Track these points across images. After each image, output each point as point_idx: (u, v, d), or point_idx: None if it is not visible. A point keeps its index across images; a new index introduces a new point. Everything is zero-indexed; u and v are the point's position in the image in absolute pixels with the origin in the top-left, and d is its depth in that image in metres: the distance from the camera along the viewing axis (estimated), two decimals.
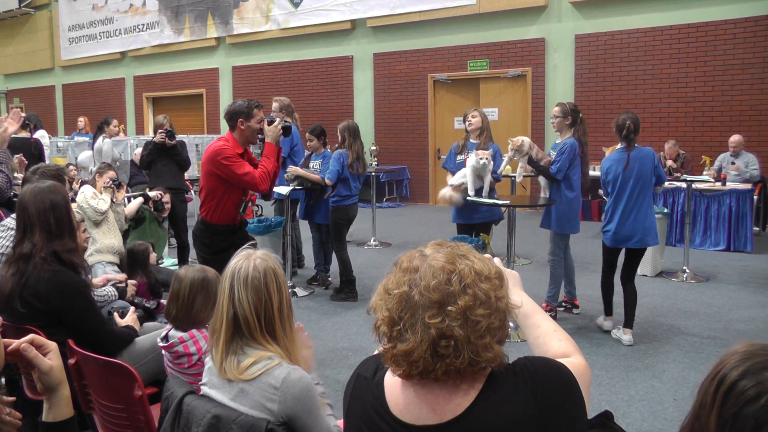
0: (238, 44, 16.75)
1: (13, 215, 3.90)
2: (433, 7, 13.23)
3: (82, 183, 6.30)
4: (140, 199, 6.34)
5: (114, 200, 5.83)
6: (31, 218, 3.14)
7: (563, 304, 6.14)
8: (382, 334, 1.53)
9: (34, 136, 9.70)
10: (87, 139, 13.78)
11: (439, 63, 13.64)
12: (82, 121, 14.51)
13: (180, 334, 2.84)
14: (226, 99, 17.21)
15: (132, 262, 5.15)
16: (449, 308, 1.44)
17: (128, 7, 18.97)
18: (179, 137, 7.97)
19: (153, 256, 5.44)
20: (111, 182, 5.93)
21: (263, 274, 2.08)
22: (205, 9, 17.05)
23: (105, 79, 20.18)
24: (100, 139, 9.18)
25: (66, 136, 16.18)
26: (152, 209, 6.62)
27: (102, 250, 5.37)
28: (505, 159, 6.20)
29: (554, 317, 5.97)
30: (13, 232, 3.68)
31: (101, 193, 5.78)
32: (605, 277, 5.76)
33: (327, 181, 6.79)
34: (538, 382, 1.47)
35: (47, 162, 9.16)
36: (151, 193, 6.45)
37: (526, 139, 6.04)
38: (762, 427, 1.15)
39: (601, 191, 6.04)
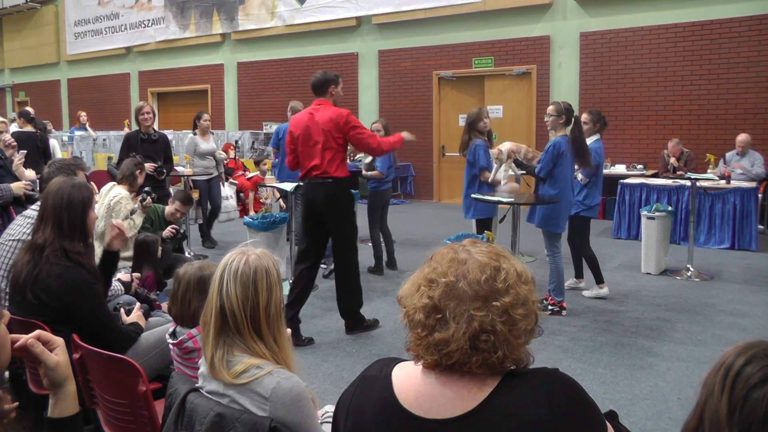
0: (243, 40, 16.75)
1: (35, 206, 3.93)
2: (438, 4, 13.21)
3: (119, 181, 6.22)
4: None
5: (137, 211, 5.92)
6: (47, 210, 3.16)
7: (549, 307, 6.04)
8: (417, 322, 1.54)
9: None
10: (83, 133, 13.83)
11: (444, 60, 13.63)
12: (84, 115, 14.52)
13: (188, 330, 2.83)
14: (230, 95, 17.22)
15: (141, 253, 5.18)
16: (494, 303, 1.48)
17: (134, 3, 18.99)
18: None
19: (161, 249, 5.50)
20: (145, 197, 5.98)
21: (254, 270, 2.04)
22: (211, 5, 17.05)
23: (110, 74, 20.20)
24: (191, 134, 9.20)
25: (70, 130, 16.25)
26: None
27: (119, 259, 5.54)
28: (494, 168, 6.32)
29: (559, 311, 5.98)
30: (31, 221, 3.71)
31: (135, 192, 5.91)
32: (589, 248, 6.59)
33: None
34: (554, 387, 1.47)
35: (52, 155, 9.20)
36: (164, 233, 6.33)
37: (506, 146, 6.12)
38: None
39: (581, 176, 6.45)
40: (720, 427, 1.22)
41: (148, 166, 7.22)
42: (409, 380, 1.57)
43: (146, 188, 6.29)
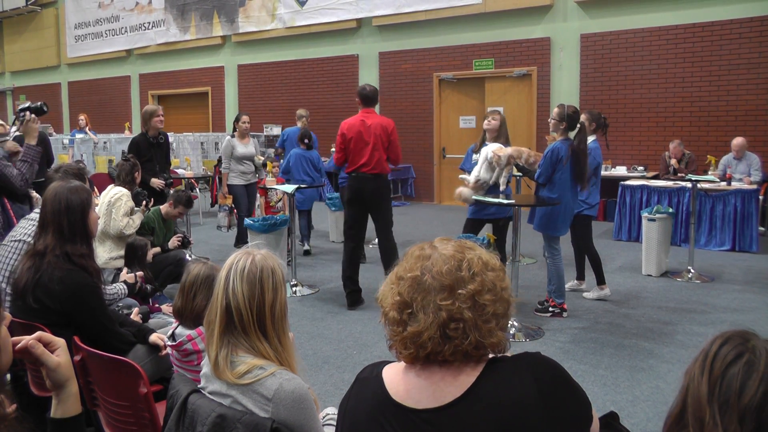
0: (243, 42, 16.76)
1: (38, 210, 3.94)
2: (438, 6, 13.22)
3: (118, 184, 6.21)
4: (158, 249, 6.23)
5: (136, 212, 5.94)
6: (47, 216, 3.16)
7: (550, 309, 6.05)
8: (392, 319, 1.60)
9: None
10: (83, 136, 13.80)
11: (444, 62, 13.63)
12: (83, 119, 14.50)
13: (188, 331, 2.83)
14: (231, 97, 17.23)
15: (131, 256, 5.21)
16: (459, 291, 1.53)
17: (134, 5, 19.00)
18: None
19: (151, 253, 5.53)
20: (145, 204, 6.02)
21: (260, 269, 2.05)
22: (211, 7, 17.06)
23: (111, 77, 20.22)
24: (228, 136, 8.84)
25: (71, 133, 16.24)
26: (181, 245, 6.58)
27: (116, 258, 5.63)
28: (496, 171, 6.31)
29: (560, 313, 5.98)
30: (34, 223, 3.71)
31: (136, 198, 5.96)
32: (593, 247, 6.60)
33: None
34: (538, 367, 1.53)
35: (54, 156, 9.19)
36: (171, 243, 6.38)
37: (508, 150, 6.13)
38: (744, 386, 1.25)
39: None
40: (701, 407, 1.28)
41: (157, 182, 7.16)
42: (398, 376, 1.63)
43: (143, 191, 6.26)
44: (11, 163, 4.82)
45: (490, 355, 1.57)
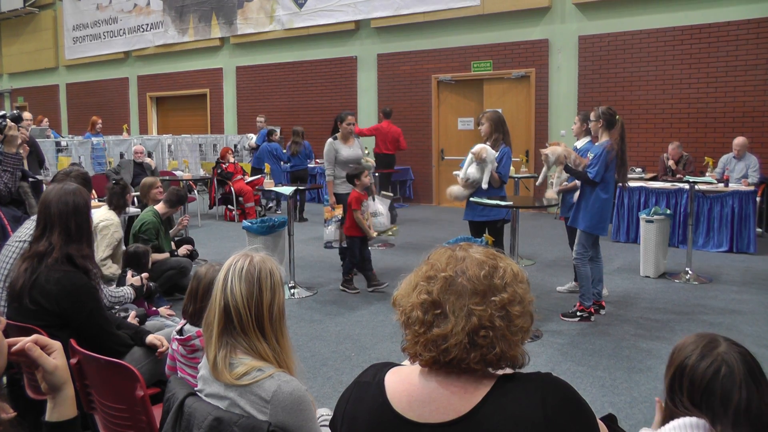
0: (242, 44, 16.76)
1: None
2: (437, 8, 13.23)
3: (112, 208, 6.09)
4: (166, 255, 6.18)
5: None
6: (52, 218, 3.15)
7: (578, 314, 5.99)
8: (414, 319, 1.54)
9: None
10: (101, 138, 13.75)
11: (442, 64, 13.64)
12: (100, 123, 14.29)
13: (197, 328, 2.83)
14: (229, 99, 17.23)
15: (132, 263, 5.20)
16: (492, 299, 1.49)
17: (132, 7, 19.01)
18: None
19: (152, 259, 5.52)
20: (131, 275, 6.08)
21: (258, 270, 2.06)
22: (210, 9, 17.07)
23: (109, 79, 20.22)
24: (330, 139, 7.69)
25: (69, 135, 16.22)
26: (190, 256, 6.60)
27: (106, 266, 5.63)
28: (542, 172, 6.32)
29: (588, 317, 5.94)
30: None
31: None
32: None
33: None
34: (547, 390, 1.48)
35: (44, 157, 9.17)
36: (180, 251, 6.39)
37: (557, 149, 6.07)
38: None
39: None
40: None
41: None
42: (402, 384, 1.58)
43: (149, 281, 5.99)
44: None
45: (500, 372, 1.53)
